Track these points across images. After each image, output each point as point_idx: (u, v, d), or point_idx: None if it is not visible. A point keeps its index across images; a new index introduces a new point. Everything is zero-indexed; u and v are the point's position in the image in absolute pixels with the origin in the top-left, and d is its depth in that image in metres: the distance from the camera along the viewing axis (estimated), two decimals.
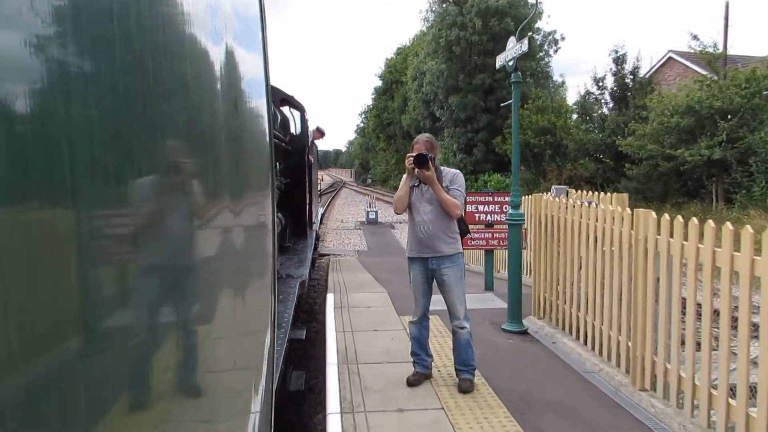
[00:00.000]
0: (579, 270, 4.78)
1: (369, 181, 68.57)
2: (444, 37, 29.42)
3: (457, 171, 4.04)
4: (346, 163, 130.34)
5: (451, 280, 3.82)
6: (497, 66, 5.87)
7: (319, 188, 16.12)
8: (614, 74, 19.07)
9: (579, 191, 6.71)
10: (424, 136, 4.00)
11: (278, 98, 7.42)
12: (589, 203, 5.04)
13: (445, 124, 31.88)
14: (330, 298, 6.64)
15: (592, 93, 19.59)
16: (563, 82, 33.43)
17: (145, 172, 0.76)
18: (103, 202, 0.65)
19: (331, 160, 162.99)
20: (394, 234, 20.25)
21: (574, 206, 5.03)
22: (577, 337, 4.71)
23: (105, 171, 0.65)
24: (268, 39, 1.73)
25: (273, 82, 2.49)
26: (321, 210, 18.37)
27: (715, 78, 14.99)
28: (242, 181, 1.39)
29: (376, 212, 22.99)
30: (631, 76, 18.85)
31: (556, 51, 32.11)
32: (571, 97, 34.53)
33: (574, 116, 23.43)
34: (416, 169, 3.77)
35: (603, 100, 19.51)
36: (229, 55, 1.21)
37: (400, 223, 23.91)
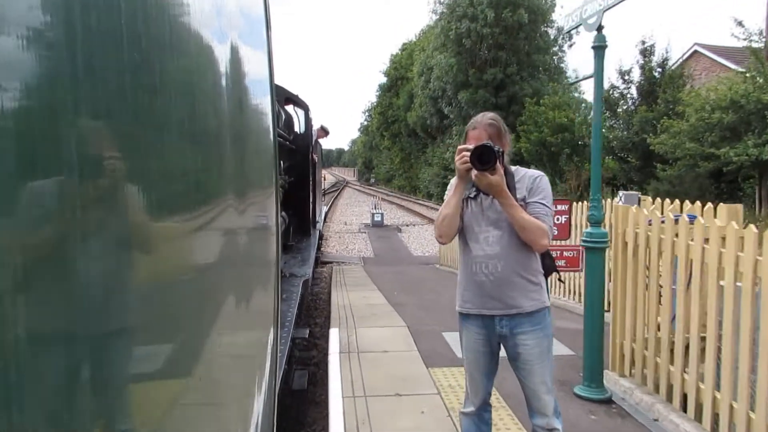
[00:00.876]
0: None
1: (372, 180, 67.08)
2: (454, 29, 27.91)
3: (539, 173, 2.57)
4: (348, 162, 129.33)
5: (532, 352, 2.35)
6: (566, 29, 4.36)
7: (322, 187, 15.72)
8: (641, 67, 17.55)
9: (658, 200, 5.24)
10: (486, 117, 2.53)
11: (282, 97, 7.33)
12: (691, 218, 3.60)
13: (454, 121, 30.40)
14: (334, 336, 5.18)
15: (617, 87, 18.07)
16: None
17: (147, 170, 0.76)
18: (106, 200, 0.65)
19: (334, 158, 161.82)
20: (402, 238, 18.80)
21: (664, 221, 3.60)
22: (693, 414, 3.25)
23: (109, 169, 0.65)
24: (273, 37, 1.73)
25: (277, 81, 2.10)
26: (324, 209, 18.17)
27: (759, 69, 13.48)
28: (246, 180, 1.39)
29: (382, 214, 21.55)
30: (660, 69, 17.33)
31: (570, 46, 30.63)
32: (586, 96, 33.00)
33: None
34: (475, 171, 2.33)
35: (629, 95, 17.98)
36: (234, 54, 1.22)
37: (408, 225, 22.47)
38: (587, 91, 24.03)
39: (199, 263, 0.99)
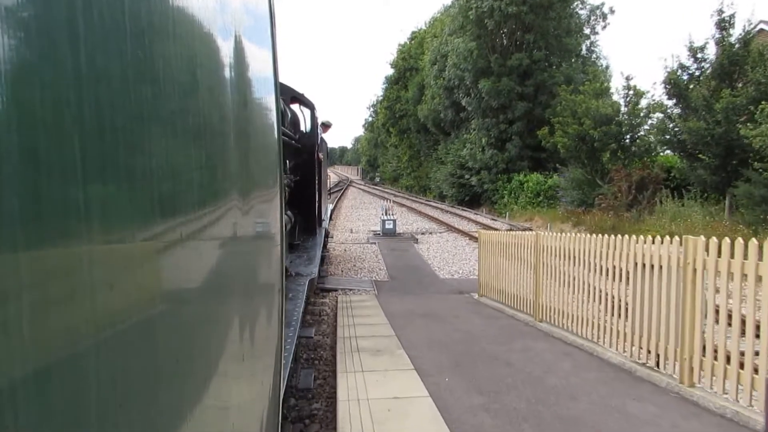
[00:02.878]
0: None
1: (378, 179, 63.70)
2: (474, 8, 24.55)
3: None
4: (351, 160, 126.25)
5: None
6: None
7: (328, 186, 15.20)
8: (718, 42, 14.21)
9: None
10: None
11: (288, 96, 7.38)
12: None
13: (472, 114, 27.06)
14: None
15: (687, 67, 14.72)
16: (608, 67, 28.52)
17: (151, 169, 0.75)
18: (110, 198, 0.64)
19: (337, 157, 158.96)
20: (420, 251, 15.48)
21: None
22: None
23: (113, 166, 0.65)
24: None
25: (281, 80, 2.30)
26: (330, 207, 17.06)
27: None
28: (251, 179, 1.39)
29: (394, 221, 18.21)
30: (742, 44, 13.98)
31: (604, 27, 27.27)
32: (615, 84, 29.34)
33: (644, 101, 18.56)
34: None
35: (702, 77, 14.61)
36: (238, 52, 1.21)
37: (424, 234, 19.15)
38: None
39: (203, 263, 0.99)
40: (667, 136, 15.53)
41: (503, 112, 25.33)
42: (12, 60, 0.47)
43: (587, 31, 26.64)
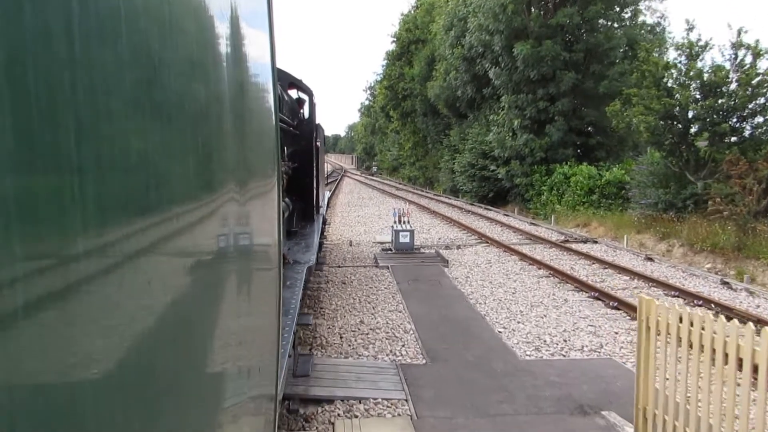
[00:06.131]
0: None
1: (375, 169, 58.03)
2: None
3: None
4: (345, 148, 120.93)
5: None
6: None
7: (325, 172, 14.87)
8: None
9: None
10: None
11: (286, 82, 7.31)
12: None
13: (501, 89, 21.54)
14: None
15: None
16: (664, 29, 22.89)
17: (147, 155, 0.73)
18: (107, 184, 0.63)
19: (330, 145, 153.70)
20: (456, 281, 10.09)
21: None
22: None
23: (108, 150, 0.63)
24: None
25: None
26: (327, 194, 15.56)
27: None
28: (249, 166, 1.36)
29: (412, 233, 12.73)
30: None
31: None
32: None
33: (764, 63, 13.14)
34: None
35: None
36: (235, 36, 1.18)
37: (450, 247, 13.72)
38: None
39: (200, 250, 0.97)
40: None
41: (543, 85, 19.82)
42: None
43: None
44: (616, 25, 19.40)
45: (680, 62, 14.10)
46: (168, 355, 0.79)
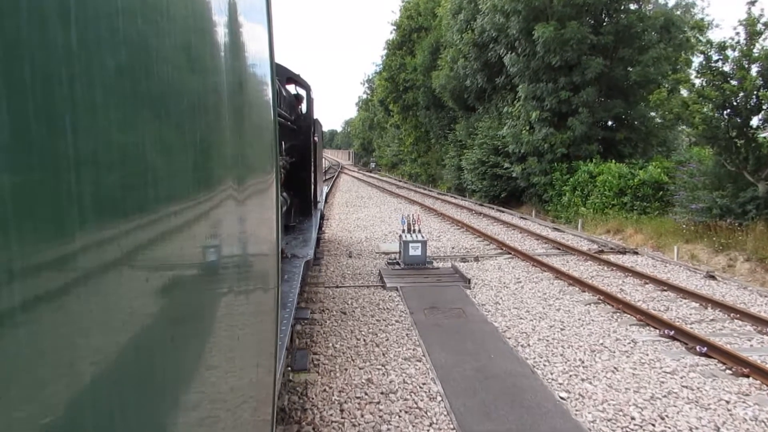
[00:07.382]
0: None
1: (373, 165, 55.73)
2: None
3: None
4: (342, 143, 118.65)
5: None
6: None
7: (322, 167, 14.31)
8: None
9: None
10: None
11: (284, 77, 7.18)
12: None
13: (516, 78, 19.33)
14: None
15: None
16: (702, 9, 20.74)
17: (144, 151, 0.73)
18: (103, 179, 0.63)
19: (326, 141, 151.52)
20: (484, 309, 7.90)
21: None
22: None
23: (104, 148, 0.62)
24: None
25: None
26: (325, 189, 15.09)
27: None
28: (247, 161, 1.36)
29: (424, 243, 10.55)
30: None
31: None
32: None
33: None
34: None
35: None
36: (233, 29, 1.17)
37: (467, 260, 11.52)
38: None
39: (198, 245, 0.96)
40: None
41: (566, 73, 17.62)
42: None
43: None
44: (650, 5, 17.20)
45: (738, 42, 11.94)
46: (167, 349, 0.78)
